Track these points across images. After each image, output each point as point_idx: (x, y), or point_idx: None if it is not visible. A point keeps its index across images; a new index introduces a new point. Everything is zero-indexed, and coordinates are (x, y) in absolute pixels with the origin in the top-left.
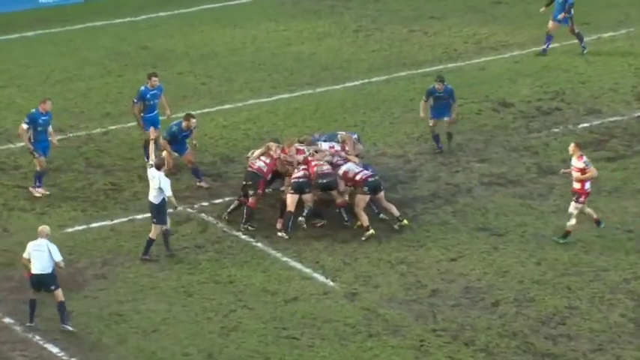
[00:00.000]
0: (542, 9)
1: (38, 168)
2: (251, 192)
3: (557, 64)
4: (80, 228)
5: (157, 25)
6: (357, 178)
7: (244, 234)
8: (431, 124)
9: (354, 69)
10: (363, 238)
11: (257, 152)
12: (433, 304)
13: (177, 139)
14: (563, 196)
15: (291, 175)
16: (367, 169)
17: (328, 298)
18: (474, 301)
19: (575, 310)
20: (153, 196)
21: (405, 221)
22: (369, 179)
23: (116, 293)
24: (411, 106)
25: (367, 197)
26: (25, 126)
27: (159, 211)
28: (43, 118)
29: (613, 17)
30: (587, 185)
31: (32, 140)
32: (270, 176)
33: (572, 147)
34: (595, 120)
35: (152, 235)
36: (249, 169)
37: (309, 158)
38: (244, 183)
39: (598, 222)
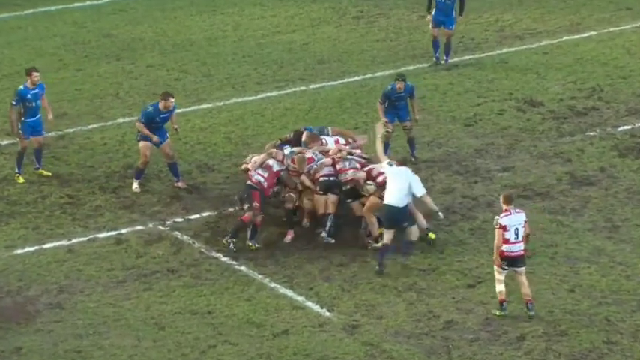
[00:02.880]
0: None
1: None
2: (246, 206)
3: (594, 55)
4: (32, 249)
5: (122, 9)
6: (380, 179)
7: (226, 255)
8: (389, 130)
9: (355, 62)
10: (369, 247)
11: (258, 160)
12: (447, 338)
13: (154, 123)
14: (600, 211)
15: (295, 189)
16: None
17: (324, 330)
18: (495, 335)
19: (614, 346)
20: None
21: (432, 235)
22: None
23: (74, 326)
24: (421, 104)
25: (382, 202)
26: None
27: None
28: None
29: None
30: (505, 247)
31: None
32: (271, 191)
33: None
34: (638, 122)
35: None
36: (248, 182)
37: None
38: (239, 197)
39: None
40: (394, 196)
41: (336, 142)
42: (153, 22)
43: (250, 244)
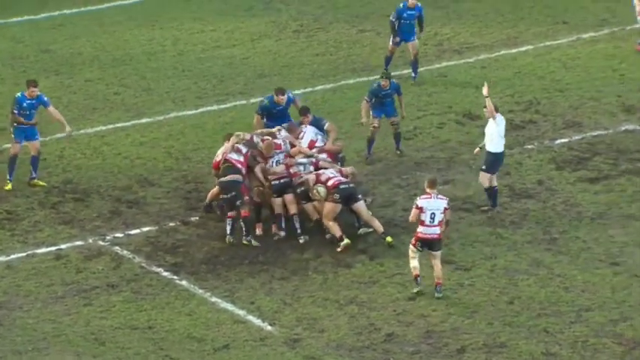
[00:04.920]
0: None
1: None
2: (239, 202)
3: (531, 69)
4: None
5: (60, 24)
6: (330, 183)
7: (166, 270)
8: (375, 125)
9: (295, 75)
10: (339, 249)
11: (229, 145)
12: (388, 351)
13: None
14: (538, 224)
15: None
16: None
17: (265, 345)
18: (436, 348)
19: (554, 358)
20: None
21: (389, 239)
22: (341, 185)
23: (13, 342)
24: (370, 123)
25: (338, 206)
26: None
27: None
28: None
29: (595, 15)
30: (420, 229)
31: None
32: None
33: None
34: (575, 134)
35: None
36: (223, 179)
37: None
38: (224, 196)
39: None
40: (495, 142)
41: (311, 143)
42: (91, 37)
43: (246, 242)
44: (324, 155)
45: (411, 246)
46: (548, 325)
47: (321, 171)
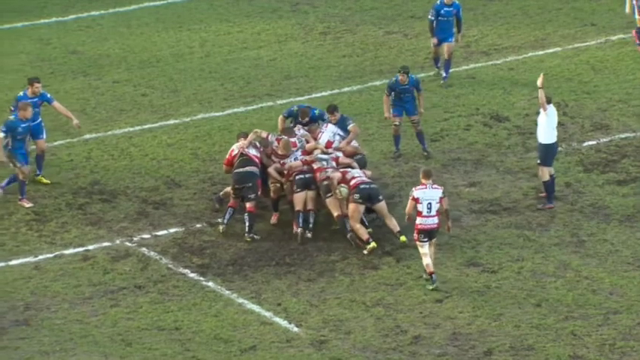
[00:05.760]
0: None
1: (21, 176)
2: (251, 195)
3: (559, 71)
4: None
5: (88, 26)
6: (352, 182)
7: (193, 271)
8: (397, 123)
9: (322, 77)
10: (365, 252)
11: (246, 141)
12: (415, 353)
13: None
14: (566, 226)
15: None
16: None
17: (292, 346)
18: (462, 350)
19: None
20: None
21: (403, 238)
22: (361, 186)
23: (40, 343)
24: (388, 120)
25: (360, 207)
26: (1, 134)
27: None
28: (23, 126)
29: (623, 17)
30: (419, 220)
31: (10, 148)
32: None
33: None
34: (603, 137)
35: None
36: (240, 169)
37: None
38: (238, 186)
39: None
40: (546, 133)
41: (328, 143)
42: (119, 39)
43: (249, 238)
44: (339, 153)
45: (417, 243)
46: (575, 327)
47: (348, 169)
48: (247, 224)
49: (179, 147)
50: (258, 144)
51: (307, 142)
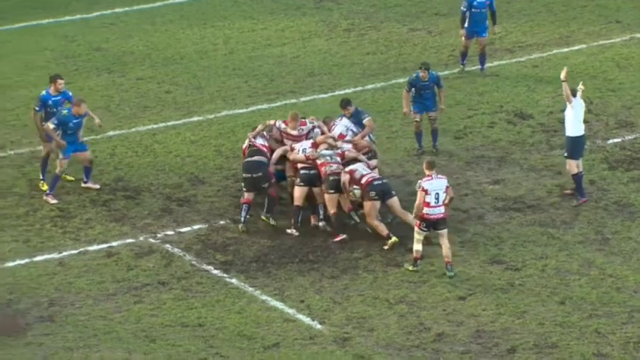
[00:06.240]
0: None
1: (57, 170)
2: (265, 185)
3: (583, 68)
4: (22, 262)
5: (112, 23)
6: (363, 180)
7: (217, 268)
8: (417, 120)
9: (345, 74)
10: (386, 247)
11: (256, 131)
12: (438, 351)
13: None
14: (590, 224)
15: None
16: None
17: (315, 343)
18: (486, 347)
19: (605, 359)
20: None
21: (395, 238)
22: (375, 182)
23: (64, 339)
24: (407, 116)
25: (377, 203)
26: (52, 125)
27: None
28: (75, 121)
29: None
30: (426, 210)
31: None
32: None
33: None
34: (628, 134)
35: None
36: (249, 159)
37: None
38: (246, 176)
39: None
40: (573, 126)
41: (340, 136)
42: (143, 36)
43: (265, 217)
44: (349, 146)
45: (416, 228)
46: (599, 325)
47: (353, 167)
48: (266, 205)
49: (203, 144)
50: (266, 133)
51: (322, 132)
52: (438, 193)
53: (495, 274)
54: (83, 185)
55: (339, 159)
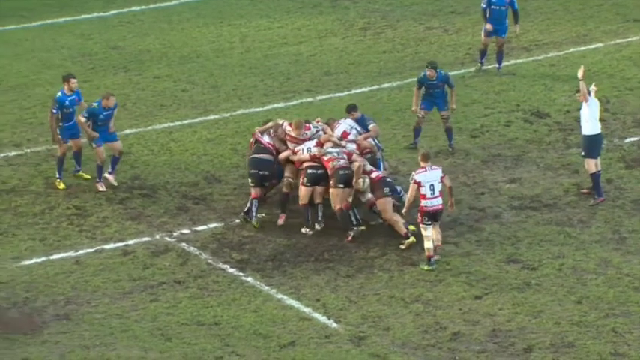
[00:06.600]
0: None
1: (98, 161)
2: (273, 182)
3: (600, 67)
4: (39, 260)
5: (129, 21)
6: (373, 176)
7: (233, 267)
8: (420, 115)
9: (362, 73)
10: (402, 246)
11: (263, 128)
12: (454, 350)
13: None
14: (607, 223)
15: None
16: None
17: (331, 342)
18: (502, 347)
19: (622, 358)
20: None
21: (412, 227)
22: (387, 179)
23: (81, 337)
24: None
25: (390, 200)
26: (82, 118)
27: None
28: (105, 113)
29: None
30: (424, 203)
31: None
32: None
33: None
34: None
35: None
36: (256, 155)
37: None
38: (252, 171)
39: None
40: (589, 125)
41: (344, 134)
42: (160, 34)
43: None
44: (353, 146)
45: (421, 225)
46: (616, 325)
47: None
48: (281, 203)
49: (219, 142)
50: (271, 131)
51: (324, 132)
52: (432, 185)
53: (512, 273)
54: (105, 175)
55: (345, 157)
